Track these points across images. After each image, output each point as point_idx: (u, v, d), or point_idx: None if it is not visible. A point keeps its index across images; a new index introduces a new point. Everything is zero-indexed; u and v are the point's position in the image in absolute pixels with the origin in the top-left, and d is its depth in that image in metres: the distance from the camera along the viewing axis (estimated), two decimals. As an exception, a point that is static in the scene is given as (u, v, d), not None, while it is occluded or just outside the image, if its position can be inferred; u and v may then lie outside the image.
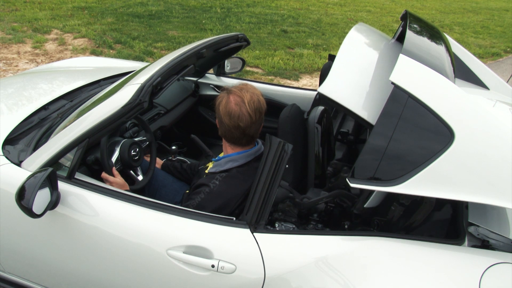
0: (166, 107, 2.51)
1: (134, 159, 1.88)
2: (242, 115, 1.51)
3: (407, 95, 1.22)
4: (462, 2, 11.05)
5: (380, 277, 1.28)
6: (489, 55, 6.81)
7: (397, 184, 1.24)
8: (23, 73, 2.81)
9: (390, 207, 1.54)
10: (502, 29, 8.47)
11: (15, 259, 1.76)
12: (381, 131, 1.24)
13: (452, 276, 1.26)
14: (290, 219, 1.50)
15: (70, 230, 1.55)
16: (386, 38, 1.92)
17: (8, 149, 1.73)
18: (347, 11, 9.16)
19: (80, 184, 1.55)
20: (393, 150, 1.24)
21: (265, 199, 1.38)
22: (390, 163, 1.25)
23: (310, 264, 1.34)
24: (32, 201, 1.36)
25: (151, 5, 7.96)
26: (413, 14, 1.89)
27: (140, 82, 1.54)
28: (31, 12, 6.99)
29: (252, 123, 1.54)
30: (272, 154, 1.36)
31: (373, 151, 1.25)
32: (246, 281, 1.39)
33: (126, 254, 1.50)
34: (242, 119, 1.52)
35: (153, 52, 5.61)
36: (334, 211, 1.67)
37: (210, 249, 1.40)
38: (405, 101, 1.22)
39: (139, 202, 1.50)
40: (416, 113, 1.22)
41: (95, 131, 1.52)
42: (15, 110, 2.05)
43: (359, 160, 1.27)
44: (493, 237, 1.39)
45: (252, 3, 9.00)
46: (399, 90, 1.23)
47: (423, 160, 1.23)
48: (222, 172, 1.60)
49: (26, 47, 5.53)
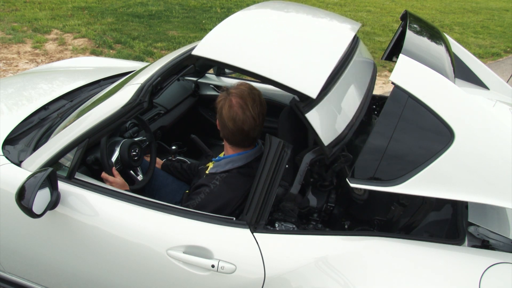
0: (166, 107, 2.51)
1: (134, 159, 1.88)
2: (247, 118, 1.51)
3: (407, 95, 1.22)
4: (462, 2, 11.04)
5: (380, 277, 1.28)
6: (489, 55, 6.81)
7: (397, 184, 1.24)
8: (23, 73, 2.81)
9: (390, 207, 1.54)
10: (502, 29, 8.46)
11: (15, 259, 1.76)
12: (381, 131, 1.24)
13: (452, 276, 1.26)
14: (290, 219, 1.50)
15: (70, 230, 1.55)
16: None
17: (8, 149, 1.73)
18: (347, 11, 9.15)
19: (80, 184, 1.55)
20: (393, 150, 1.24)
21: (265, 199, 1.38)
22: (390, 163, 1.25)
23: (310, 264, 1.34)
24: (32, 201, 1.36)
25: (151, 5, 7.96)
26: (413, 14, 1.89)
27: (140, 82, 1.54)
28: (31, 12, 6.99)
29: (256, 126, 1.54)
30: (272, 154, 1.36)
31: (373, 151, 1.25)
32: (246, 281, 1.39)
33: (126, 254, 1.50)
34: (246, 123, 1.52)
35: (153, 52, 5.60)
36: (334, 211, 1.67)
37: (210, 249, 1.40)
38: (405, 101, 1.22)
39: (139, 202, 1.50)
40: (416, 113, 1.22)
41: (95, 131, 1.52)
42: (15, 110, 2.05)
43: (359, 160, 1.27)
44: (493, 237, 1.39)
45: (252, 3, 9.00)
46: (399, 90, 1.23)
47: (423, 160, 1.22)
48: (223, 172, 1.60)
49: (26, 47, 5.53)
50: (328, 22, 1.81)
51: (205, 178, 1.63)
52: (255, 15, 1.64)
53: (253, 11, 1.66)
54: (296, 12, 1.83)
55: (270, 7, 1.79)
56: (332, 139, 1.31)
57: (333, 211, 1.67)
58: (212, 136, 2.67)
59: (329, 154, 1.30)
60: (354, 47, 1.74)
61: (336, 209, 1.67)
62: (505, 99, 1.71)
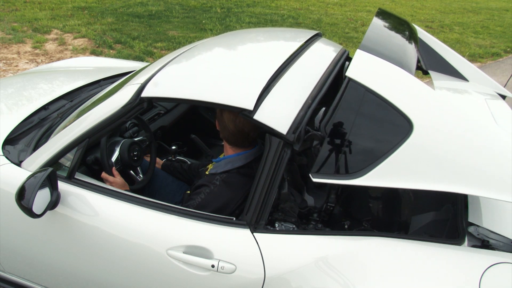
0: (166, 107, 2.51)
1: (134, 159, 1.88)
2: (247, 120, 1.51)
3: (364, 89, 1.24)
4: (462, 2, 11.04)
5: (380, 277, 1.28)
6: (489, 55, 6.80)
7: (358, 177, 1.25)
8: (23, 73, 2.81)
9: (368, 205, 1.54)
10: (502, 29, 8.46)
11: (15, 259, 1.76)
12: (340, 126, 1.26)
13: (452, 276, 1.26)
14: (290, 219, 1.50)
15: (70, 230, 1.55)
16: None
17: (8, 149, 1.73)
18: (347, 11, 9.15)
19: (80, 184, 1.55)
20: (353, 143, 1.26)
21: (265, 199, 1.38)
22: (351, 156, 1.26)
23: (310, 264, 1.34)
24: (32, 201, 1.36)
25: (151, 5, 7.95)
26: (385, 11, 1.96)
27: (140, 82, 1.54)
28: (31, 12, 6.99)
29: (256, 127, 1.54)
30: (272, 154, 1.36)
31: (334, 146, 1.27)
32: (246, 281, 1.39)
33: (126, 254, 1.50)
34: (247, 124, 1.52)
35: (153, 52, 5.60)
36: (334, 211, 1.67)
37: (210, 249, 1.40)
38: (362, 94, 1.24)
39: (139, 202, 1.50)
40: (374, 106, 1.24)
41: (95, 131, 1.52)
42: (15, 110, 2.05)
43: (321, 156, 1.28)
44: (493, 237, 1.39)
45: (252, 3, 8.99)
46: (356, 84, 1.25)
47: (384, 152, 1.24)
48: (223, 173, 1.60)
49: (26, 47, 5.53)
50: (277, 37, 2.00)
51: (205, 179, 1.63)
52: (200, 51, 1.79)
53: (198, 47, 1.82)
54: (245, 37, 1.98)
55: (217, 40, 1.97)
56: (289, 126, 1.33)
57: (333, 211, 1.67)
58: (212, 136, 2.67)
59: (292, 140, 1.31)
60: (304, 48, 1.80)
61: (336, 209, 1.67)
62: (483, 90, 1.75)
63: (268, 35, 2.09)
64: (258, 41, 1.94)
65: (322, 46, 1.91)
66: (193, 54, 1.75)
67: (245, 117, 1.36)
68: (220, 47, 1.88)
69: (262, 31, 2.20)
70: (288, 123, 1.33)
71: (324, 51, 1.85)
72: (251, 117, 1.35)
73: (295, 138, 1.31)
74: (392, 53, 1.41)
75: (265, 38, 2.01)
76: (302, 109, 1.35)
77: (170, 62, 1.64)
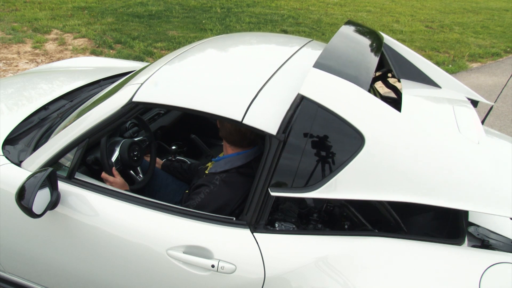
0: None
1: (134, 159, 1.88)
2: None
3: (317, 106, 1.28)
4: (462, 2, 11.04)
5: (380, 277, 1.28)
6: (489, 55, 6.80)
7: (313, 190, 1.29)
8: (23, 73, 2.81)
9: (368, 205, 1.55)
10: (502, 29, 8.46)
11: (15, 259, 1.76)
12: (294, 142, 1.30)
13: (452, 276, 1.26)
14: (290, 219, 1.50)
15: (70, 230, 1.55)
16: None
17: (8, 149, 1.73)
18: (347, 11, 9.15)
19: (80, 184, 1.55)
20: (308, 157, 1.29)
21: (265, 199, 1.38)
22: (306, 171, 1.30)
23: (310, 264, 1.34)
24: (32, 201, 1.36)
25: (151, 5, 7.96)
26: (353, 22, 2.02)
27: (140, 82, 1.54)
28: (31, 12, 6.99)
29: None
30: (272, 154, 1.36)
31: (290, 161, 1.31)
32: (246, 281, 1.39)
33: (126, 254, 1.50)
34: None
35: (153, 52, 5.60)
36: (334, 211, 1.67)
37: (210, 249, 1.40)
38: (315, 111, 1.28)
39: (139, 202, 1.50)
40: (327, 121, 1.28)
41: (95, 131, 1.52)
42: (15, 110, 2.06)
43: (278, 170, 1.32)
44: (493, 237, 1.39)
45: (252, 3, 8.99)
46: (308, 101, 1.29)
47: (337, 166, 1.28)
48: (222, 172, 1.60)
49: (26, 47, 5.53)
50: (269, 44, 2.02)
51: (205, 178, 1.63)
52: (194, 55, 1.80)
53: (189, 51, 1.82)
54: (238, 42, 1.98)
55: (213, 43, 1.96)
56: (278, 126, 1.35)
57: (333, 211, 1.67)
58: (212, 136, 2.67)
59: (283, 139, 1.34)
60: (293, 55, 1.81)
61: (336, 209, 1.67)
62: (455, 96, 1.79)
63: (263, 40, 2.10)
64: (252, 47, 1.95)
65: (312, 48, 1.92)
66: (187, 58, 1.75)
67: (235, 122, 1.39)
68: (214, 52, 1.89)
69: (259, 36, 2.20)
70: (277, 123, 1.35)
71: (313, 52, 1.86)
72: (240, 122, 1.37)
73: (286, 137, 1.33)
74: (347, 68, 1.45)
75: (259, 44, 2.02)
76: (290, 108, 1.36)
77: (163, 66, 1.65)
